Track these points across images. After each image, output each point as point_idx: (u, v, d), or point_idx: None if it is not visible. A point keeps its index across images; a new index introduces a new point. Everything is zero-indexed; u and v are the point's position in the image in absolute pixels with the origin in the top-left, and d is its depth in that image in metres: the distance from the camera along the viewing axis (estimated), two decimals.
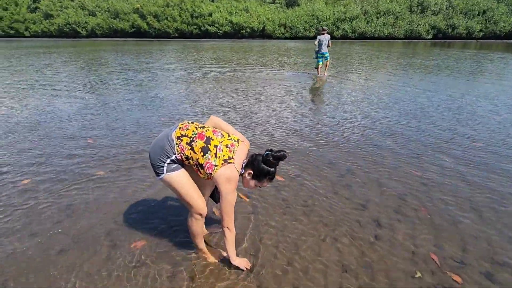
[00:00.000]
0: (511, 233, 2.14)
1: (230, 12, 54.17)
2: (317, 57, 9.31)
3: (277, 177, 2.92)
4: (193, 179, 1.72)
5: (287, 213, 2.37)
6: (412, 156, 3.44)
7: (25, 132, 4.21)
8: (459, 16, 42.89)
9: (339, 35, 46.26)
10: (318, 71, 9.52)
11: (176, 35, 48.92)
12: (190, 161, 1.61)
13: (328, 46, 9.19)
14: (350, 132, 4.29)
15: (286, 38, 48.78)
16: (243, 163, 1.65)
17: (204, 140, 1.59)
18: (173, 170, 1.63)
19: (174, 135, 1.62)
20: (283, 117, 4.99)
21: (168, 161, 1.61)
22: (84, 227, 2.18)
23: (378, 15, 45.90)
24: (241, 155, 1.63)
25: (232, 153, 1.59)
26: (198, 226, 1.77)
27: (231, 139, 1.65)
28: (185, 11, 49.78)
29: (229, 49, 22.99)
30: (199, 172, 1.64)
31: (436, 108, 5.53)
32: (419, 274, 1.78)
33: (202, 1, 51.48)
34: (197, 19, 48.51)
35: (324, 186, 2.78)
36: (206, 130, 1.64)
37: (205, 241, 1.97)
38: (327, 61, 9.46)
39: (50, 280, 1.73)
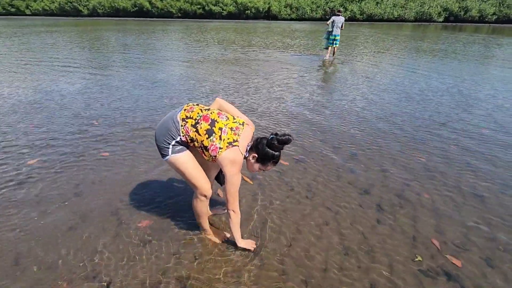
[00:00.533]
0: None
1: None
2: (328, 38, 9.21)
3: (281, 161, 2.93)
4: (198, 161, 1.73)
5: (290, 197, 2.40)
6: (417, 142, 3.41)
7: (29, 113, 4.23)
8: None
9: (346, 16, 44.74)
10: (328, 52, 9.41)
11: (179, 15, 47.74)
12: (195, 143, 1.62)
13: (341, 28, 9.07)
14: (354, 116, 4.25)
15: (292, 19, 47.38)
16: (248, 146, 1.65)
17: (209, 123, 1.58)
18: (178, 152, 1.63)
19: (179, 116, 1.61)
20: (287, 100, 4.93)
21: (173, 142, 1.61)
22: (91, 207, 2.23)
23: None
24: (246, 138, 1.63)
25: (237, 136, 1.59)
26: (202, 207, 1.80)
27: (236, 122, 1.64)
28: None
29: (233, 30, 22.46)
30: (203, 154, 1.65)
31: (442, 94, 5.42)
32: (419, 258, 1.81)
33: None
34: None
35: (328, 171, 2.78)
36: (211, 113, 1.63)
37: (209, 222, 2.01)
38: (336, 46, 9.33)
39: (59, 256, 1.79)
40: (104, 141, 3.33)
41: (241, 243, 1.80)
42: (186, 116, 1.61)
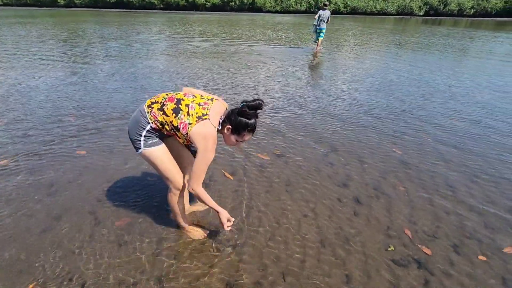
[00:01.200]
0: (480, 208, 2.27)
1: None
2: (316, 31, 9.51)
3: (261, 155, 2.95)
4: (175, 151, 1.72)
5: (270, 191, 2.42)
6: (394, 135, 3.51)
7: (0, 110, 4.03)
8: None
9: (330, 9, 44.88)
10: (318, 44, 9.69)
11: (162, 6, 46.41)
12: (166, 126, 1.58)
13: (327, 22, 9.31)
14: (336, 110, 4.31)
15: (276, 12, 47.07)
16: (220, 119, 1.60)
17: (175, 102, 1.56)
18: (151, 145, 1.62)
19: (145, 105, 1.61)
20: (268, 94, 4.93)
21: (144, 133, 1.60)
22: (67, 206, 2.17)
23: None
24: (217, 111, 1.58)
25: (206, 110, 1.54)
26: (177, 202, 1.79)
27: (203, 98, 1.61)
28: None
29: (217, 22, 22.10)
30: (177, 137, 1.63)
31: (419, 86, 5.58)
32: (392, 247, 1.88)
33: None
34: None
35: (308, 164, 2.83)
36: (176, 94, 1.62)
37: (189, 219, 2.00)
38: (320, 38, 9.58)
39: (32, 259, 1.74)
40: (81, 138, 3.23)
41: (223, 212, 1.67)
42: (152, 102, 1.60)
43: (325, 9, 9.22)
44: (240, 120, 1.54)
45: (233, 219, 1.71)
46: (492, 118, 4.14)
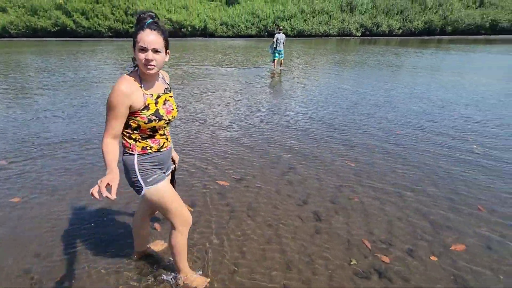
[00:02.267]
0: (425, 210, 2.46)
1: (168, 10, 51.91)
2: (273, 52, 10.29)
3: (221, 182, 2.89)
4: None
5: (232, 218, 2.36)
6: (346, 148, 3.72)
7: None
8: (381, 15, 47.78)
9: (285, 32, 47.73)
10: (274, 65, 10.50)
11: (110, 34, 45.15)
12: (136, 125, 1.37)
13: (283, 44, 10.16)
14: (292, 128, 4.46)
15: (228, 36, 48.67)
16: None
17: None
18: (152, 183, 1.44)
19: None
20: (223, 117, 4.96)
21: (137, 168, 1.40)
22: None
23: (313, 13, 48.63)
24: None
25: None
26: (185, 240, 1.60)
27: None
28: (118, 8, 46.17)
29: (178, 48, 22.03)
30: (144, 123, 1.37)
31: (368, 102, 6.08)
32: (353, 261, 1.93)
33: None
34: (132, 17, 45.33)
35: (268, 186, 2.83)
36: None
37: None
38: (282, 58, 10.47)
39: None
40: (15, 184, 2.87)
41: (110, 171, 1.27)
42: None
43: (280, 32, 10.09)
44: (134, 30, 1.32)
45: (113, 195, 1.14)
46: (430, 125, 4.62)
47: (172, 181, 1.73)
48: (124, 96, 1.27)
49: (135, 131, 1.40)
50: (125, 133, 1.40)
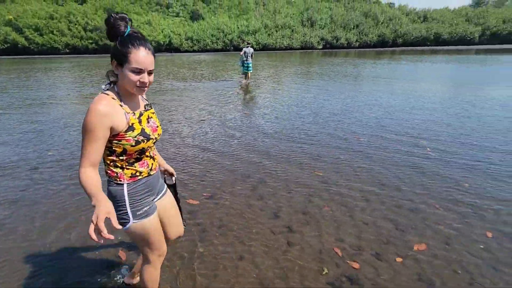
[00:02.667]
0: (390, 212, 2.59)
1: (131, 26, 50.76)
2: (242, 65, 10.92)
3: (191, 200, 2.81)
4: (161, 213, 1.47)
5: (203, 238, 2.29)
6: (314, 158, 3.83)
7: None
8: (340, 29, 50.94)
9: (245, 47, 48.82)
10: (245, 77, 11.12)
11: (67, 50, 42.99)
12: (121, 150, 1.24)
13: (251, 57, 10.70)
14: (260, 142, 4.50)
15: (194, 51, 48.68)
16: (105, 85, 1.26)
17: None
18: (142, 216, 1.31)
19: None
20: (189, 134, 4.89)
21: (127, 198, 1.28)
22: None
23: (277, 28, 50.52)
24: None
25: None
26: (158, 273, 1.52)
27: None
28: (75, 24, 44.27)
29: None
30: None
31: (331, 112, 6.36)
32: (326, 270, 1.96)
33: (96, 13, 46.71)
34: (91, 33, 43.72)
35: (238, 201, 2.81)
36: None
37: None
38: (250, 72, 11.04)
39: None
40: None
41: (97, 203, 1.08)
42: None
43: (248, 46, 10.70)
44: (115, 44, 1.17)
45: (105, 231, 1.00)
46: (389, 131, 4.93)
47: (176, 197, 1.63)
48: (103, 116, 1.12)
49: (120, 157, 1.25)
50: (108, 161, 1.26)
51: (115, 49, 1.16)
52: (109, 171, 1.28)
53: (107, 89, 1.23)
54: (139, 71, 1.17)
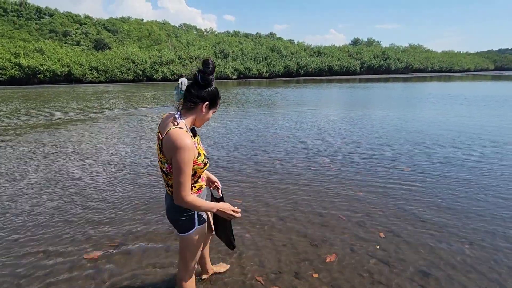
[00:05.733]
0: (303, 229, 2.77)
1: (15, 53, 43.74)
2: (178, 93, 12.28)
3: (91, 256, 2.40)
4: None
5: None
6: (233, 186, 3.85)
7: None
8: (251, 61, 55.26)
9: (159, 77, 47.69)
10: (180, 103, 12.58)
11: None
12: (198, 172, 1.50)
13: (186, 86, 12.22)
14: None
15: (101, 81, 44.72)
16: (178, 118, 1.42)
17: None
18: (202, 222, 1.56)
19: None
20: (117, 167, 4.33)
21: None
22: None
23: (191, 59, 51.37)
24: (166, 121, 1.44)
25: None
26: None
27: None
28: None
29: (23, 96, 18.13)
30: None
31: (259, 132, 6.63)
32: None
33: None
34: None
35: (153, 245, 2.55)
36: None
37: None
38: None
39: None
40: None
41: (224, 204, 1.53)
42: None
43: (183, 77, 12.87)
44: (212, 91, 1.45)
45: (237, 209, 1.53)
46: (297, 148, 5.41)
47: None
48: (192, 149, 1.34)
49: (193, 178, 1.46)
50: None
51: (212, 95, 1.44)
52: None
53: (178, 124, 1.37)
54: (214, 111, 1.53)
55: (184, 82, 12.37)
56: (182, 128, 1.35)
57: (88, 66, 46.48)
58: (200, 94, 1.42)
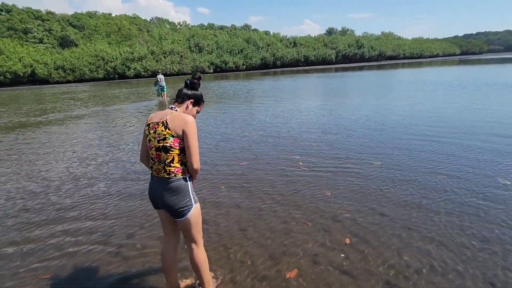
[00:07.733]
0: (264, 241, 2.56)
1: None
2: (159, 89, 14.07)
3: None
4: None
5: None
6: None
7: None
8: (227, 54, 54.22)
9: (132, 74, 45.78)
10: (162, 97, 14.04)
11: None
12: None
13: (164, 81, 14.05)
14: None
15: (69, 81, 42.34)
16: (174, 108, 1.79)
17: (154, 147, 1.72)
18: (196, 200, 1.77)
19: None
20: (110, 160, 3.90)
21: (191, 188, 1.75)
22: None
23: (164, 54, 49.57)
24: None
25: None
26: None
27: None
28: None
29: None
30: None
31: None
32: None
33: None
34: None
35: (123, 249, 2.24)
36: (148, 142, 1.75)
37: None
38: (165, 92, 14.04)
39: None
40: None
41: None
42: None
43: (159, 73, 14.48)
44: (199, 94, 1.88)
45: None
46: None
47: None
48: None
49: (185, 156, 1.70)
50: (178, 160, 1.68)
51: (196, 96, 1.85)
52: (176, 169, 1.67)
53: (176, 111, 1.76)
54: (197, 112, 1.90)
55: (161, 78, 13.94)
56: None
57: (54, 65, 43.79)
58: (187, 93, 1.83)
